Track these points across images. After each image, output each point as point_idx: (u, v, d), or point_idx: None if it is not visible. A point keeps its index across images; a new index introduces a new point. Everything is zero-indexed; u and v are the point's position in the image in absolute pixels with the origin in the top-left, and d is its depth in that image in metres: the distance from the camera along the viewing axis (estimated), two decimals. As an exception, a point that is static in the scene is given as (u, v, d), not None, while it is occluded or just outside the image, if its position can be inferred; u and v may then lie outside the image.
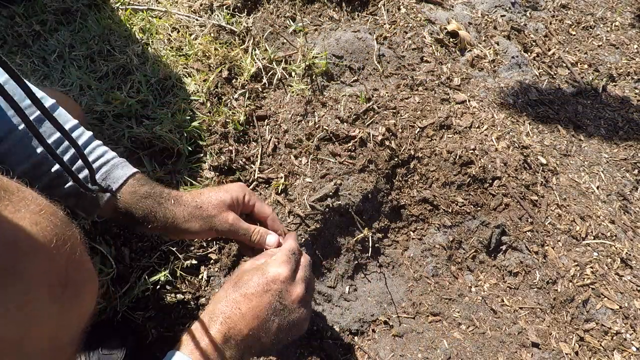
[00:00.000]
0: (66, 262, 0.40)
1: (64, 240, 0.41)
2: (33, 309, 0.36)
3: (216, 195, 0.74)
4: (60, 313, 0.39)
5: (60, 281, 0.39)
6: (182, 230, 0.71)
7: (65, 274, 0.40)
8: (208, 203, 0.73)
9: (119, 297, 0.90)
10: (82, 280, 0.43)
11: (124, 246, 0.95)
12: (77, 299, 0.41)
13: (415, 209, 1.16)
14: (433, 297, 1.08)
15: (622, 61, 1.74)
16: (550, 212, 1.17)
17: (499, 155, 1.21)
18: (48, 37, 1.22)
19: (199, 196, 0.74)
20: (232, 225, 0.73)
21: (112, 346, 0.85)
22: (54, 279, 0.38)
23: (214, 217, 0.72)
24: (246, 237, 0.74)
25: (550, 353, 0.98)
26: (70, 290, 0.40)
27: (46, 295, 0.37)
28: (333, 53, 1.34)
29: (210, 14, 1.35)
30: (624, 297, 1.06)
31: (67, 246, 0.41)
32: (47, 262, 0.38)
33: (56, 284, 0.38)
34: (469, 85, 1.42)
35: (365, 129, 1.17)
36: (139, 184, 0.72)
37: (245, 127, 1.14)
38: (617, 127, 1.52)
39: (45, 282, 0.37)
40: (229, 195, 0.75)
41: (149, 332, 0.90)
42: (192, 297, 0.94)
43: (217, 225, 0.72)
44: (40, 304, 0.36)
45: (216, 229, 0.72)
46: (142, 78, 1.13)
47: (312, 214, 1.04)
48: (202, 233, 0.72)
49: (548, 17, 1.81)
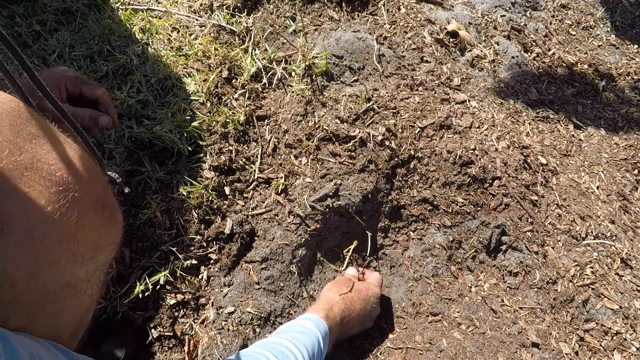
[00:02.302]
0: (103, 187, 0.47)
1: (100, 169, 0.49)
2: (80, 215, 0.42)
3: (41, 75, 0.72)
4: (100, 228, 0.45)
5: (100, 201, 0.46)
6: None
7: (104, 197, 0.47)
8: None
9: (119, 297, 0.90)
10: (115, 206, 0.49)
11: (124, 246, 0.95)
12: (112, 221, 0.48)
13: (415, 209, 1.16)
14: (433, 297, 1.08)
15: (622, 61, 1.74)
16: (550, 212, 1.17)
17: (499, 155, 1.21)
18: (48, 37, 1.22)
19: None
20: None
21: (112, 346, 0.85)
22: (95, 197, 0.45)
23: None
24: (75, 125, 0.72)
25: (550, 353, 0.98)
26: (108, 211, 0.47)
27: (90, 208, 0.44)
28: (333, 53, 1.34)
29: (210, 14, 1.35)
30: (624, 297, 1.06)
31: (101, 175, 0.48)
32: (90, 182, 0.45)
33: (98, 202, 0.45)
34: (469, 85, 1.42)
35: (365, 129, 1.17)
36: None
37: (245, 127, 1.14)
38: (617, 127, 1.52)
39: (89, 198, 0.44)
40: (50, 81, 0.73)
41: (149, 332, 0.90)
42: (192, 297, 0.94)
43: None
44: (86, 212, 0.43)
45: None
46: (142, 78, 1.13)
47: (312, 214, 1.04)
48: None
49: (548, 17, 1.81)
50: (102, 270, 0.48)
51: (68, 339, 0.47)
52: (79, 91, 0.77)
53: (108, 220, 0.47)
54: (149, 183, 1.01)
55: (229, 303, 0.94)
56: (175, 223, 0.98)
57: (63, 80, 0.76)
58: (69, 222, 0.41)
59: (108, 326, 0.89)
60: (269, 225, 1.03)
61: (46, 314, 0.42)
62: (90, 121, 0.75)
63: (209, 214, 1.01)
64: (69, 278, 0.42)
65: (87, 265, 0.44)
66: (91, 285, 0.46)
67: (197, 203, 1.00)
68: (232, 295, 0.95)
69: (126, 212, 0.97)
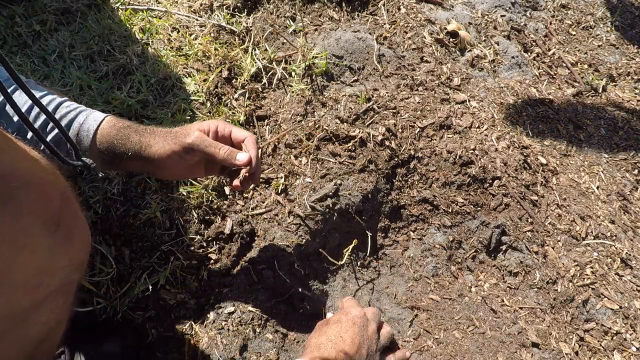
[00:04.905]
0: (60, 202, 0.42)
1: (58, 182, 0.43)
2: (24, 235, 0.37)
3: (190, 124, 0.79)
4: (50, 249, 0.40)
5: (53, 218, 0.40)
6: (153, 154, 0.73)
7: (59, 213, 0.41)
8: (179, 128, 0.77)
9: (119, 297, 0.90)
10: (75, 223, 0.44)
11: (124, 246, 0.95)
12: (68, 242, 0.42)
13: (415, 209, 1.16)
14: (433, 297, 1.08)
15: (622, 61, 1.74)
16: (550, 212, 1.17)
17: (499, 155, 1.21)
18: (48, 37, 1.22)
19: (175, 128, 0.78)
20: (197, 137, 0.74)
21: (112, 346, 0.85)
22: (48, 214, 0.40)
23: (180, 134, 0.75)
24: (214, 151, 0.75)
25: (550, 353, 0.98)
26: (62, 230, 0.41)
27: (39, 226, 0.38)
28: (333, 53, 1.34)
29: (210, 14, 1.35)
30: (624, 297, 1.06)
31: (61, 187, 0.43)
32: (42, 195, 0.40)
33: (49, 220, 0.40)
34: (469, 85, 1.42)
35: (365, 129, 1.17)
36: (117, 119, 0.76)
37: (245, 127, 1.14)
38: (617, 127, 1.52)
39: (39, 214, 0.39)
40: (201, 123, 0.79)
41: (149, 332, 0.90)
42: (192, 297, 0.94)
43: (182, 140, 0.74)
44: (31, 232, 0.38)
45: (182, 145, 0.73)
46: (142, 78, 1.13)
47: (312, 214, 1.04)
48: (173, 156, 0.74)
49: (548, 17, 1.81)
50: (61, 292, 0.43)
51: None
52: (229, 133, 0.81)
53: (63, 240, 0.42)
54: (149, 183, 1.01)
55: (229, 303, 0.94)
56: (175, 223, 0.98)
57: (216, 122, 0.81)
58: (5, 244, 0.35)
59: (108, 326, 0.89)
60: (269, 226, 1.03)
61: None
62: (228, 153, 0.76)
63: (209, 214, 1.01)
64: (7, 311, 0.37)
65: (33, 292, 0.39)
66: (44, 312, 0.41)
67: (197, 203, 1.00)
68: (232, 295, 0.95)
69: (126, 212, 0.97)
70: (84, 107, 0.78)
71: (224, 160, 0.76)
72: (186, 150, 0.74)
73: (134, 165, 0.76)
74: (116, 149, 0.73)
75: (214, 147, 0.76)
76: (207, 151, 0.75)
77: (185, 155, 0.75)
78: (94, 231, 0.94)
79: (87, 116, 0.75)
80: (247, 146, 0.80)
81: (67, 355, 0.78)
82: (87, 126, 0.74)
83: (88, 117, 0.75)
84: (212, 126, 0.80)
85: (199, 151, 0.75)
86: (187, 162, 0.76)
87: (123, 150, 0.73)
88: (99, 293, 0.89)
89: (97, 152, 0.75)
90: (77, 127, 0.74)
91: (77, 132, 0.74)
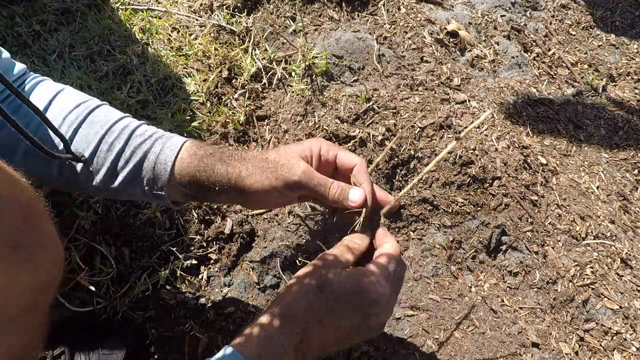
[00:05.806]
0: (20, 223, 0.39)
1: (19, 202, 0.39)
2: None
3: (287, 147, 0.66)
4: (6, 272, 0.37)
5: (7, 241, 0.37)
6: (248, 187, 0.62)
7: (17, 235, 0.38)
8: (276, 154, 0.64)
9: (119, 297, 0.90)
10: (38, 245, 0.41)
11: (124, 246, 0.95)
12: (28, 264, 0.39)
13: (415, 209, 1.16)
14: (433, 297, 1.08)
15: (622, 61, 1.74)
16: (550, 212, 1.17)
17: (499, 155, 1.21)
18: (48, 37, 1.22)
19: (268, 151, 0.66)
20: (304, 173, 0.62)
21: (112, 346, 0.85)
22: (3, 236, 0.37)
23: (282, 167, 0.62)
24: (323, 191, 0.63)
25: (550, 353, 0.98)
26: (20, 253, 0.38)
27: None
28: (333, 53, 1.34)
29: (210, 14, 1.35)
30: (624, 297, 1.06)
31: (22, 207, 0.40)
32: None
33: (7, 243, 0.37)
34: (469, 85, 1.42)
35: (365, 129, 1.17)
36: (197, 146, 0.66)
37: (245, 127, 1.14)
38: (617, 127, 1.52)
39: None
40: (302, 146, 0.66)
41: (149, 332, 0.90)
42: (192, 297, 0.94)
43: (285, 176, 0.61)
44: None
45: (286, 182, 0.61)
46: (142, 78, 1.13)
47: (312, 214, 1.04)
48: (273, 192, 0.62)
49: (548, 17, 1.81)
50: (29, 314, 0.41)
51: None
52: (333, 158, 0.68)
53: (22, 262, 0.38)
54: (149, 183, 1.01)
55: (229, 303, 0.94)
56: (175, 223, 0.98)
57: (318, 143, 0.68)
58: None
59: (108, 326, 0.89)
60: (269, 226, 1.03)
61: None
62: (339, 194, 0.63)
63: (209, 214, 1.01)
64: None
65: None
66: (11, 335, 0.39)
67: (197, 203, 1.00)
68: (232, 295, 0.95)
69: (126, 212, 0.97)
70: (160, 133, 0.68)
71: (336, 202, 0.64)
72: (290, 187, 0.62)
73: (223, 199, 0.66)
74: (200, 182, 0.63)
75: (324, 186, 0.63)
76: (316, 190, 0.63)
77: (287, 192, 0.63)
78: (94, 231, 0.94)
79: (163, 144, 0.65)
80: (357, 178, 0.66)
81: (67, 355, 0.78)
82: (164, 157, 0.64)
83: (165, 146, 0.65)
84: (314, 149, 0.67)
85: (305, 189, 0.63)
86: (288, 198, 0.66)
87: (207, 184, 0.63)
88: (99, 293, 0.90)
89: (178, 187, 0.65)
90: (153, 160, 0.65)
91: (154, 164, 0.65)
